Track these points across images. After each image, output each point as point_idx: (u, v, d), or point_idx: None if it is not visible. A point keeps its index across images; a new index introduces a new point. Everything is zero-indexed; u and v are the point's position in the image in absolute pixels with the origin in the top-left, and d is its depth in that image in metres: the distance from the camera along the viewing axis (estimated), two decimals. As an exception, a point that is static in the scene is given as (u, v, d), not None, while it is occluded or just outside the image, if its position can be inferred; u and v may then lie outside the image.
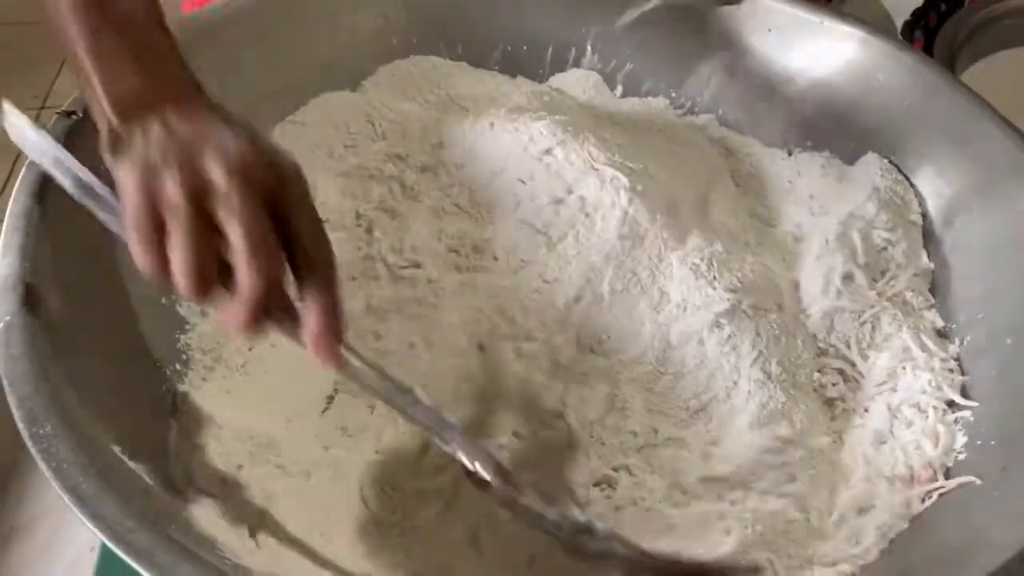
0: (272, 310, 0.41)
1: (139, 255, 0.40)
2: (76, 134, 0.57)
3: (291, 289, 0.42)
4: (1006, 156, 0.63)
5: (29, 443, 0.42)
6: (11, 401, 0.43)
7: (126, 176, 0.40)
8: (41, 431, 0.42)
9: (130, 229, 0.40)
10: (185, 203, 0.38)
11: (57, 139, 0.56)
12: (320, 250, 0.42)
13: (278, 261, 0.40)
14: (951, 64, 0.82)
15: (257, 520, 0.50)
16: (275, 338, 0.61)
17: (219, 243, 0.39)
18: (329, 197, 0.67)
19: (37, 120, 0.53)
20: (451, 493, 0.55)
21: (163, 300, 0.59)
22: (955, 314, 0.62)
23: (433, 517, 0.54)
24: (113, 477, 0.43)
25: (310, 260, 0.41)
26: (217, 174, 0.39)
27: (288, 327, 0.42)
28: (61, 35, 0.45)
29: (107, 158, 0.43)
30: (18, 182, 0.54)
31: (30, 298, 0.48)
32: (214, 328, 0.61)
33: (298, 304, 0.42)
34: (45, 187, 0.54)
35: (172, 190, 0.39)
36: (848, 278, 0.63)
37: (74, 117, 0.58)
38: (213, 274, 0.39)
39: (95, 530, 0.39)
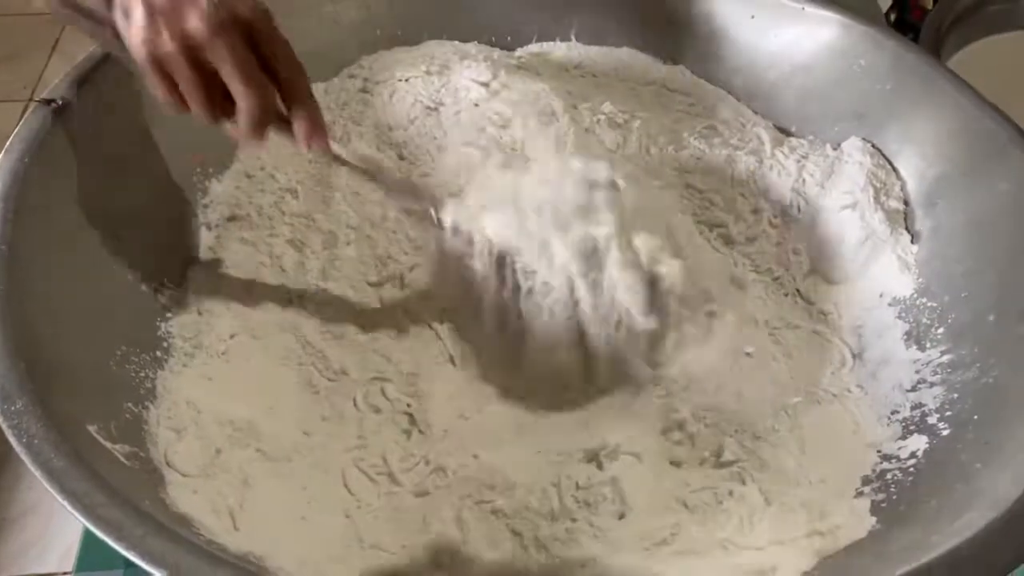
0: (269, 121, 0.50)
1: (158, 95, 0.49)
2: (57, 122, 0.57)
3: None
4: (988, 137, 0.63)
5: (1, 419, 0.42)
6: (-16, 379, 0.43)
7: (128, 31, 0.47)
8: (13, 407, 0.42)
9: (146, 75, 0.48)
10: (179, 54, 0.46)
11: (38, 128, 0.57)
12: (295, 71, 0.51)
13: (266, 85, 0.49)
14: (937, 51, 0.82)
15: (235, 502, 0.50)
16: (256, 328, 0.61)
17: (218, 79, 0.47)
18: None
19: (25, 111, 0.54)
20: (433, 478, 0.55)
21: (143, 288, 0.59)
22: (940, 294, 0.62)
23: (417, 502, 0.54)
24: (86, 455, 0.43)
25: (289, 80, 0.50)
26: (200, 26, 0.46)
27: (284, 132, 0.52)
28: None
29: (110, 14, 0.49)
30: (-2, 169, 0.54)
31: (6, 279, 0.48)
32: (195, 317, 0.60)
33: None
34: (25, 176, 0.54)
35: (168, 48, 0.46)
36: None
37: (53, 105, 0.58)
38: (218, 103, 0.49)
39: (64, 503, 0.39)
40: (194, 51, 0.46)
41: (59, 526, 0.65)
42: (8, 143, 0.55)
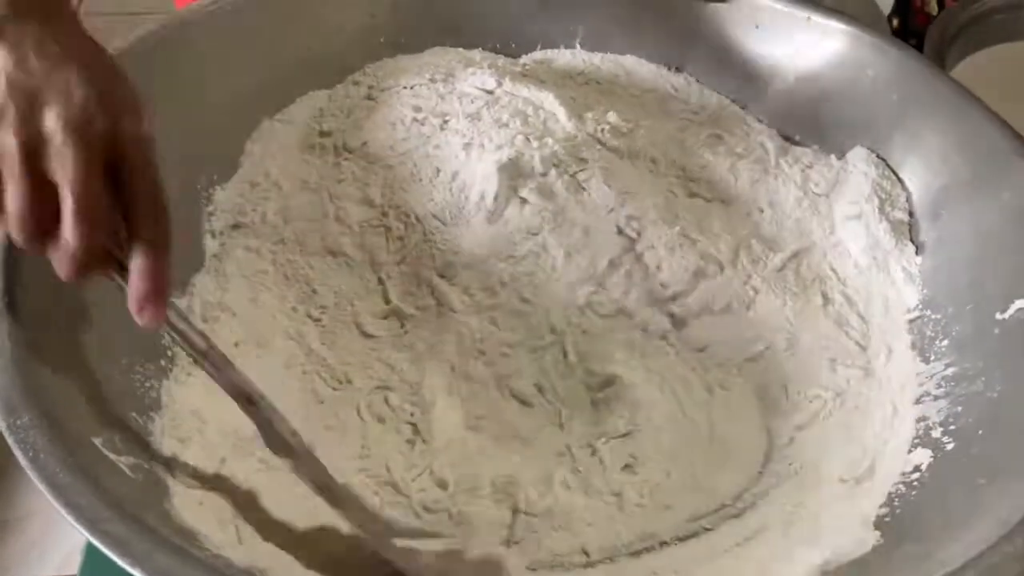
0: (97, 266, 0.41)
1: None
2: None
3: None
4: (992, 147, 0.63)
5: (6, 433, 0.42)
6: (-11, 392, 0.43)
7: None
8: (18, 421, 0.42)
9: None
10: (19, 156, 0.37)
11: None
12: (153, 216, 0.42)
13: (104, 224, 0.40)
14: (941, 60, 0.82)
15: (240, 513, 0.50)
16: (261, 336, 0.61)
17: (55, 193, 0.38)
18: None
19: None
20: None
21: (148, 296, 0.59)
22: (944, 306, 0.62)
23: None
24: (91, 469, 0.43)
25: (140, 225, 0.42)
26: (55, 127, 0.38)
27: (118, 280, 0.43)
28: None
29: None
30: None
31: (11, 292, 0.48)
32: (199, 326, 0.60)
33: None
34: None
35: (7, 140, 0.37)
36: None
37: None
38: (45, 226, 0.39)
39: (69, 518, 0.39)
40: (36, 155, 0.38)
41: (61, 529, 0.65)
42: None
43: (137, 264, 0.41)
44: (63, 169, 0.38)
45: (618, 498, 0.56)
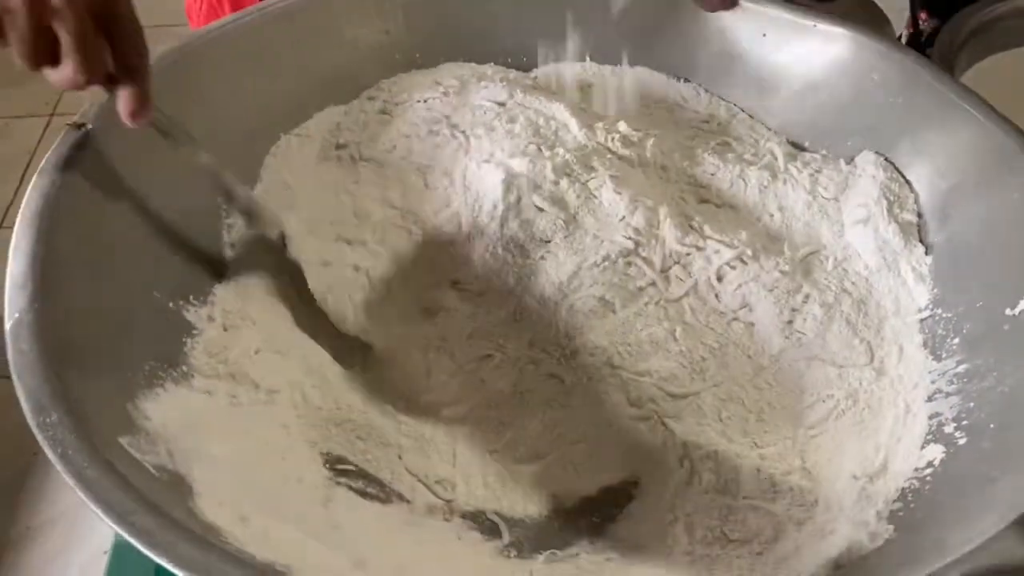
0: (90, 84, 0.51)
1: None
2: (87, 145, 0.59)
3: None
4: (999, 149, 0.63)
5: (36, 431, 0.43)
6: (19, 393, 0.45)
7: None
8: (48, 419, 0.43)
9: None
10: (24, 8, 0.47)
11: (69, 151, 0.58)
12: (134, 51, 0.52)
13: (98, 57, 0.50)
14: (950, 66, 0.83)
15: (260, 513, 0.50)
16: (280, 345, 0.62)
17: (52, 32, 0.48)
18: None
19: (47, 128, 0.56)
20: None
21: (170, 305, 0.61)
22: (955, 304, 0.62)
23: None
24: (118, 465, 0.44)
25: (125, 58, 0.52)
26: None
27: (110, 90, 0.53)
28: None
29: None
30: (30, 188, 0.56)
31: (39, 296, 0.49)
32: (220, 334, 0.62)
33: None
34: (57, 198, 0.56)
35: (14, 3, 0.47)
36: None
37: (83, 129, 0.60)
38: (46, 58, 0.49)
39: (98, 512, 0.40)
40: (41, 13, 0.47)
41: (82, 536, 0.66)
42: (41, 166, 0.57)
43: (125, 89, 0.52)
44: (66, 24, 0.48)
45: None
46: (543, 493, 0.59)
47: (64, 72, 0.49)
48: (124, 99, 0.52)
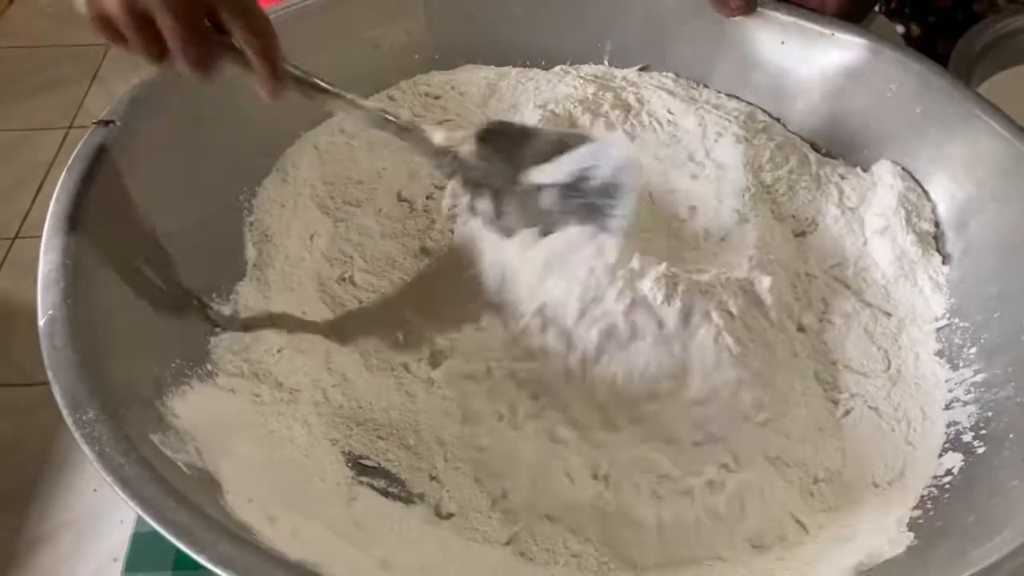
0: (210, 66, 0.52)
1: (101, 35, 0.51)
2: (114, 142, 0.59)
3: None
4: (1017, 159, 0.64)
5: (73, 428, 0.43)
6: (55, 390, 0.45)
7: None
8: (84, 417, 0.44)
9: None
10: (123, 13, 0.49)
11: (96, 148, 0.59)
12: (247, 29, 0.52)
13: (201, 44, 0.51)
14: (966, 80, 0.83)
15: (287, 512, 0.51)
16: (301, 343, 0.63)
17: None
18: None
19: (65, 140, 0.56)
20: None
21: (194, 303, 0.61)
22: (972, 314, 0.63)
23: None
24: (154, 464, 0.44)
25: (245, 43, 0.52)
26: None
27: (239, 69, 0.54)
28: None
29: None
30: (59, 185, 0.56)
31: (71, 293, 0.49)
32: (242, 332, 0.62)
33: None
34: (85, 195, 0.56)
35: (112, 8, 0.49)
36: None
37: (110, 126, 0.60)
38: (160, 53, 0.51)
39: (137, 509, 0.40)
40: (140, 14, 0.49)
41: (91, 543, 0.66)
42: (69, 163, 0.57)
43: (255, 66, 0.53)
44: (166, 28, 0.50)
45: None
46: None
47: (178, 65, 0.52)
48: (258, 78, 0.54)
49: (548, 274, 0.62)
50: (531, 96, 0.79)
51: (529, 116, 0.76)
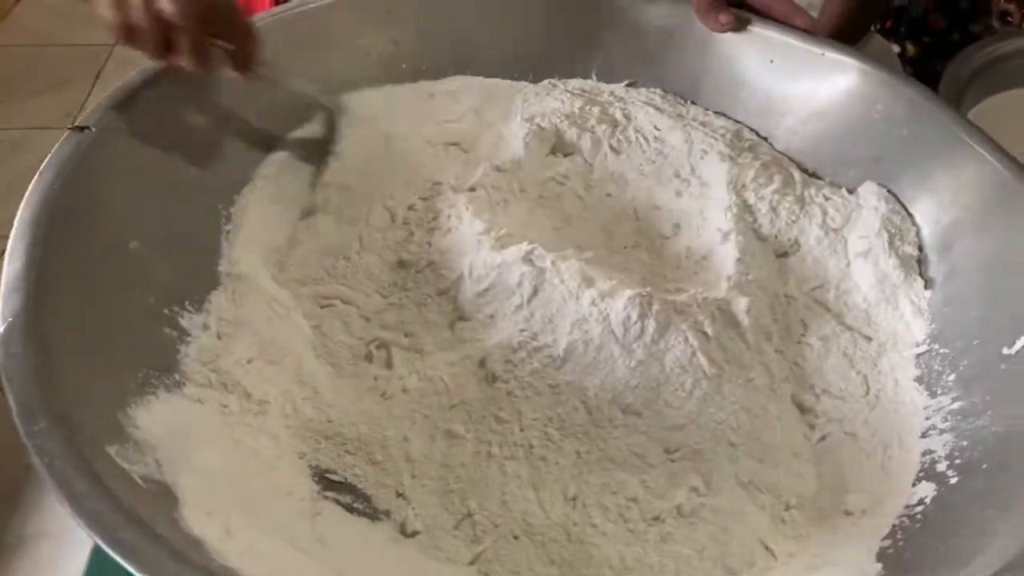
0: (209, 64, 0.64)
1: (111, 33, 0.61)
2: (87, 149, 0.59)
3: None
4: (1002, 185, 0.63)
5: (24, 438, 0.43)
6: (9, 397, 0.45)
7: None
8: (36, 427, 0.43)
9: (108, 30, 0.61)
10: (149, 26, 0.59)
11: (70, 154, 0.58)
12: (237, 35, 0.65)
13: (210, 58, 0.63)
14: (957, 103, 0.83)
15: (245, 526, 0.50)
16: (273, 354, 0.62)
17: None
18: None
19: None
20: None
21: (165, 311, 0.60)
22: (952, 340, 0.62)
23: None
24: (105, 477, 0.43)
25: (231, 41, 0.65)
26: (173, 14, 0.59)
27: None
28: None
29: None
30: (27, 193, 0.55)
31: (33, 301, 0.49)
32: (214, 342, 0.61)
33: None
34: (56, 201, 0.56)
35: (141, 21, 0.59)
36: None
37: (85, 132, 0.60)
38: (168, 53, 0.62)
39: (83, 526, 0.40)
40: (164, 28, 0.59)
41: (72, 549, 0.65)
42: (40, 168, 0.57)
43: (234, 62, 0.66)
44: (182, 36, 0.60)
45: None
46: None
47: (185, 63, 0.62)
48: (235, 68, 0.66)
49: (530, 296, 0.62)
50: (518, 109, 0.79)
51: (516, 129, 0.76)
